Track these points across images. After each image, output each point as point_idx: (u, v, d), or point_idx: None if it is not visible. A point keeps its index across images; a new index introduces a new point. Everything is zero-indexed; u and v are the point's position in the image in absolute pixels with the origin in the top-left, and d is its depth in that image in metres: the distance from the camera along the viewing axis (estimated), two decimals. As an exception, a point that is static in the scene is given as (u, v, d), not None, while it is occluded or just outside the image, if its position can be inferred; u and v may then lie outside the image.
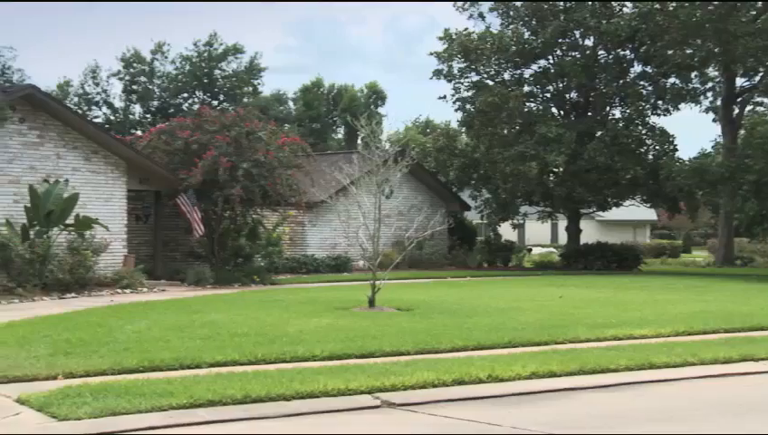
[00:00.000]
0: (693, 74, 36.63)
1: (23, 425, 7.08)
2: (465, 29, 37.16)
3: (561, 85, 37.43)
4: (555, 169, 36.49)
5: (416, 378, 8.72)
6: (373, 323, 13.63)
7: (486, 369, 9.18)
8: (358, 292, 17.79)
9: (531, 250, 44.75)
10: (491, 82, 37.43)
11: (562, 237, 44.70)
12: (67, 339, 11.26)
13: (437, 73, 37.64)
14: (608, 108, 37.56)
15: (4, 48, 15.95)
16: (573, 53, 36.75)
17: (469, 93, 37.56)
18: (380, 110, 61.42)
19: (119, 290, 20.83)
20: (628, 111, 36.76)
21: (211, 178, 23.40)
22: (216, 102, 50.52)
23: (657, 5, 34.00)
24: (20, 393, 7.96)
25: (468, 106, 37.41)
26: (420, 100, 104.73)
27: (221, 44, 52.05)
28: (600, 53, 36.95)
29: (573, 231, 38.46)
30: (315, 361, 9.98)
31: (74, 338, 11.33)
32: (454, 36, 36.92)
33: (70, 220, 20.91)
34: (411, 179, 34.10)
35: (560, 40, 36.10)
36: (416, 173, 33.76)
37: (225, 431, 7.13)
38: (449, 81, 37.74)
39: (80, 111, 42.93)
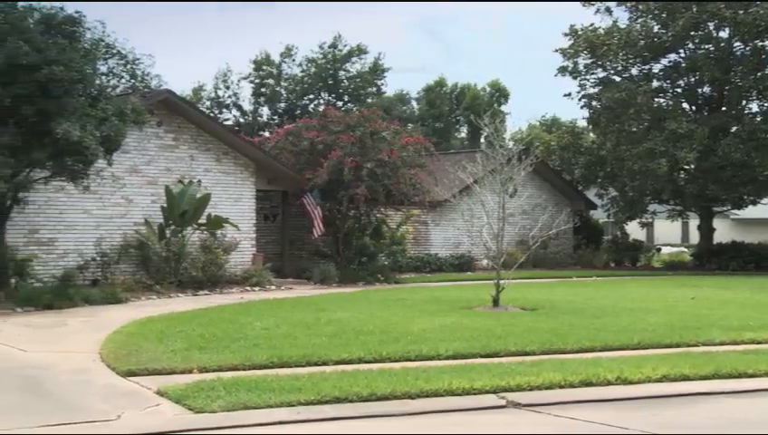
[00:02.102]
0: (840, 64, 34.51)
1: (162, 416, 7.42)
2: (592, 24, 36.35)
3: (692, 79, 36.02)
4: (686, 166, 35.17)
5: (542, 378, 8.63)
6: (497, 322, 13.56)
7: (615, 371, 8.98)
8: (481, 291, 17.71)
9: (660, 250, 43.34)
10: (618, 78, 36.45)
11: (694, 237, 43.05)
12: (201, 334, 11.71)
13: (563, 70, 36.97)
14: (744, 102, 35.89)
15: (144, 55, 16.96)
16: (706, 46, 35.28)
17: (595, 90, 36.74)
18: (504, 108, 60.84)
19: (248, 288, 21.45)
20: (766, 104, 35.04)
21: (336, 178, 23.78)
22: (340, 103, 51.25)
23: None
24: (159, 385, 8.35)
25: (594, 103, 36.60)
26: (545, 97, 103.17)
27: (345, 46, 52.83)
28: (735, 44, 35.34)
29: (706, 230, 37.00)
30: (439, 359, 10.01)
31: (208, 334, 11.78)
32: (579, 32, 36.18)
33: (202, 220, 21.69)
34: (535, 178, 33.68)
35: (692, 33, 34.73)
36: (540, 171, 33.32)
37: (352, 428, 7.23)
38: (575, 77, 37.00)
39: (212, 114, 44.44)
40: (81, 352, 10.75)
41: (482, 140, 52.74)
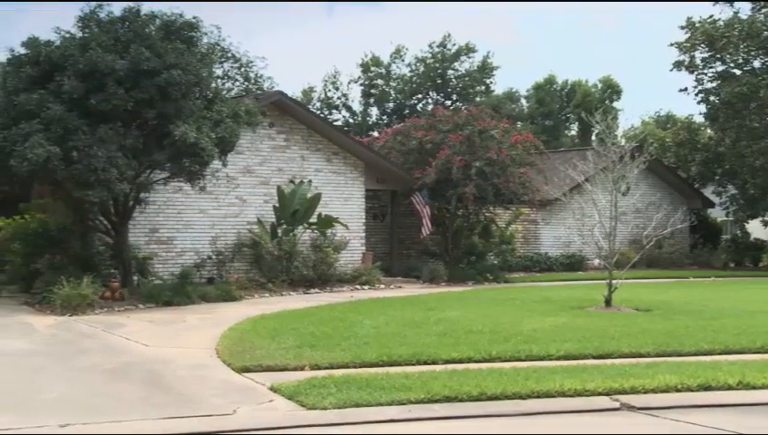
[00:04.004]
0: None
1: (276, 412, 7.59)
2: (710, 16, 35.04)
3: (821, 71, 34.29)
4: (814, 163, 33.48)
5: (657, 381, 8.40)
6: (610, 323, 13.28)
7: (736, 375, 8.66)
8: (593, 291, 17.39)
9: (785, 250, 41.45)
10: (738, 72, 35.05)
11: (822, 236, 40.98)
12: (312, 332, 11.91)
13: (678, 65, 35.79)
14: None
15: (257, 58, 17.58)
16: (837, 35, 33.50)
17: (713, 84, 35.44)
18: (615, 104, 59.36)
19: (357, 286, 21.67)
20: None
21: (444, 177, 23.77)
22: (449, 102, 51.14)
23: None
24: (272, 382, 8.54)
25: (712, 98, 35.31)
26: (659, 93, 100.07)
27: (454, 45, 52.67)
28: None
29: (835, 229, 35.19)
30: (550, 360, 9.89)
31: (318, 331, 11.97)
32: (697, 25, 34.97)
33: (313, 219, 22.04)
34: (649, 176, 32.85)
35: (821, 21, 33.09)
36: (654, 169, 32.48)
37: (462, 427, 7.22)
38: (691, 72, 35.77)
39: (322, 115, 45.13)
40: (198, 348, 11.12)
41: (593, 137, 51.62)
